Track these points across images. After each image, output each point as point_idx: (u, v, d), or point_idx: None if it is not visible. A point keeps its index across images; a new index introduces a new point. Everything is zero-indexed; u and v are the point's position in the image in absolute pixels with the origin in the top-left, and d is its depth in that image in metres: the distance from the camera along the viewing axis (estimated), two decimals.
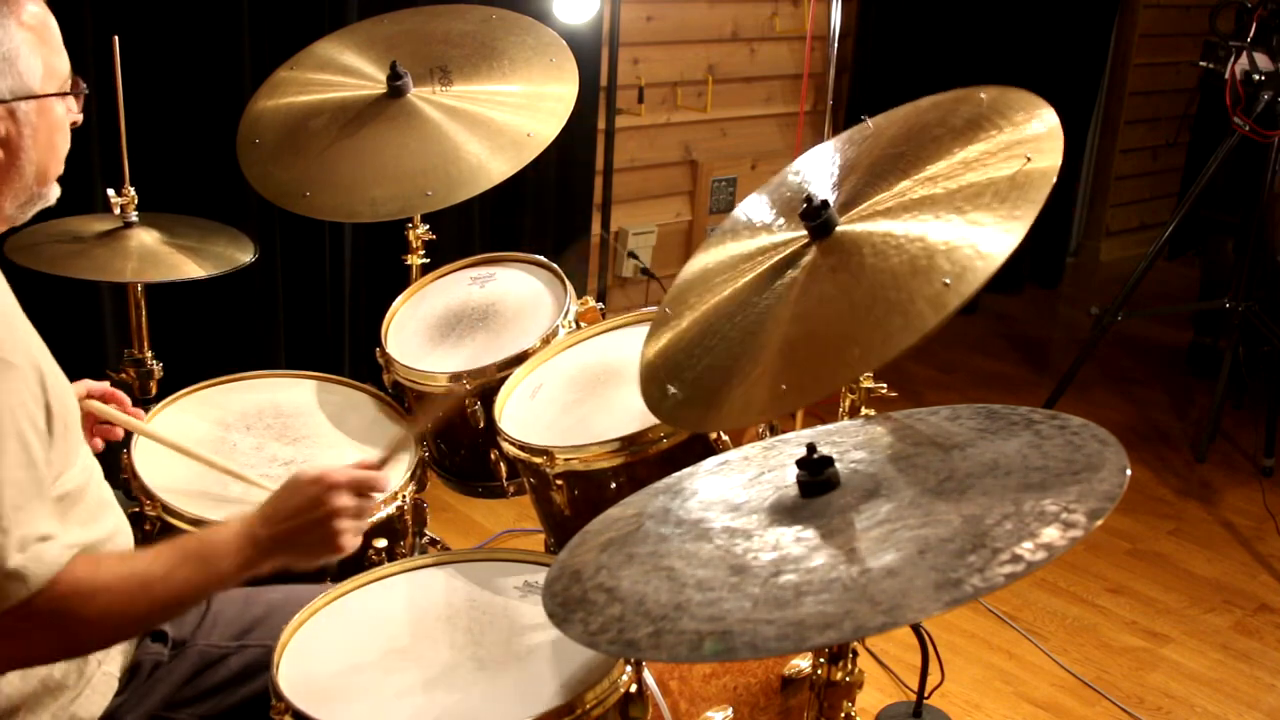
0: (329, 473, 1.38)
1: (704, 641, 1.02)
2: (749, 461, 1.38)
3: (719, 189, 4.33)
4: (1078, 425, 1.19)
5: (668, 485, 1.38)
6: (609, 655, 1.35)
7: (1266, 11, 3.63)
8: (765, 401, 1.34)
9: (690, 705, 1.57)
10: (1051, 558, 0.99)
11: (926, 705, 2.52)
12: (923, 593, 0.99)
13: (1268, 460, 3.73)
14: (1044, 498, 1.07)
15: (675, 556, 1.17)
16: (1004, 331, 4.91)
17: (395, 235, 2.40)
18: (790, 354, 1.35)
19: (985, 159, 1.39)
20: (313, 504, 1.36)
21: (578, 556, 1.26)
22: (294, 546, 1.37)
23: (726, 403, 1.39)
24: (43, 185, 1.40)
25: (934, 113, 1.55)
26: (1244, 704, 2.69)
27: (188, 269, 2.09)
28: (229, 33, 2.91)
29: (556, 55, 2.24)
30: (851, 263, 1.39)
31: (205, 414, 2.00)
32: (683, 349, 1.53)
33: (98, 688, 1.44)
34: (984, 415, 1.29)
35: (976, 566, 1.00)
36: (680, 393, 1.45)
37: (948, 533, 1.06)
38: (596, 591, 1.16)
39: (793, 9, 4.36)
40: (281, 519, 1.36)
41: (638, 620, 1.08)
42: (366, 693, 1.38)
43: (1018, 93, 1.49)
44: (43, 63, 1.35)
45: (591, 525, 1.33)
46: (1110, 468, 1.10)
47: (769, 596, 1.05)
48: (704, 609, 1.06)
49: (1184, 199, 3.89)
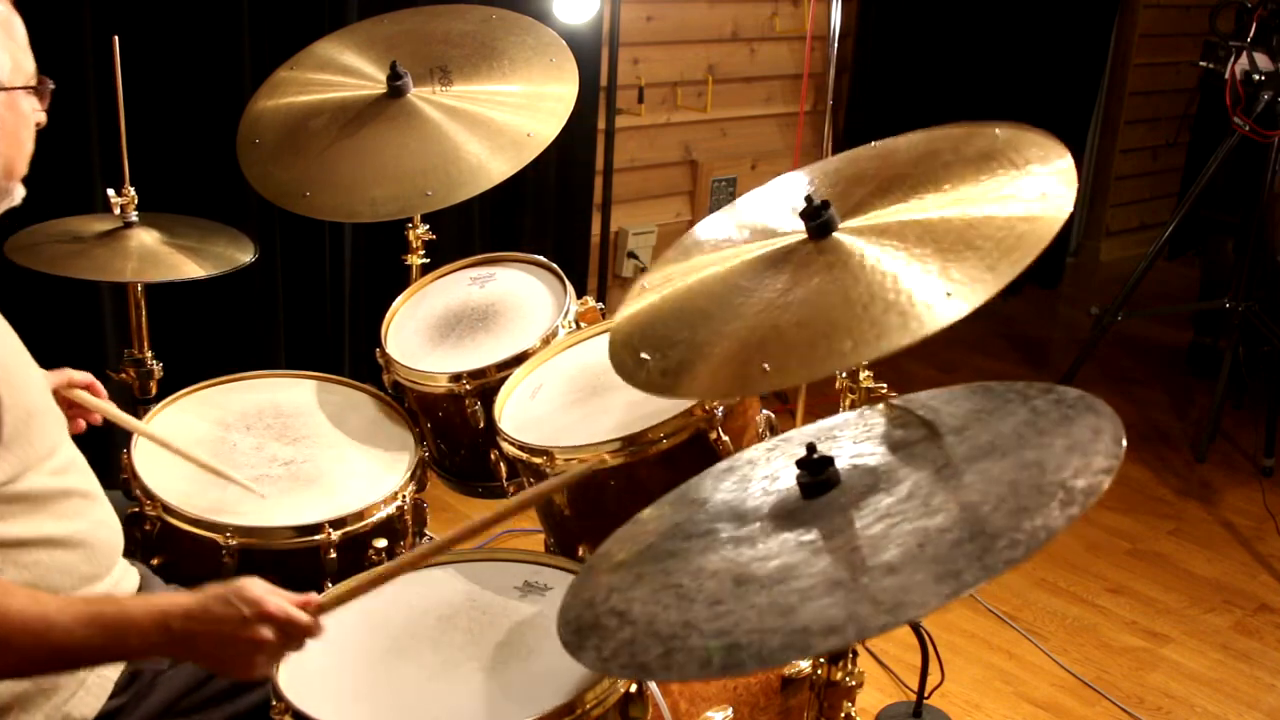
0: (266, 601, 1.31)
1: (711, 656, 1.02)
2: (754, 465, 1.38)
3: (719, 189, 4.33)
4: (1073, 399, 1.19)
5: (679, 495, 1.38)
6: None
7: (1266, 11, 3.63)
8: (744, 378, 1.34)
9: (690, 705, 1.56)
10: (1051, 537, 0.99)
11: (926, 705, 2.52)
12: (923, 587, 0.99)
13: (1268, 460, 3.72)
14: (1041, 476, 1.07)
15: (684, 573, 1.17)
16: (1004, 331, 4.90)
17: (395, 235, 2.40)
18: (777, 337, 1.35)
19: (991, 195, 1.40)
20: (237, 624, 1.29)
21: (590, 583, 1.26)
22: (200, 652, 1.32)
23: (702, 375, 1.38)
24: (9, 180, 1.40)
25: (947, 141, 1.55)
26: (1244, 704, 2.69)
27: (188, 269, 2.09)
28: (229, 33, 2.90)
29: (556, 55, 2.24)
30: (851, 262, 1.39)
31: (205, 414, 2.00)
32: (660, 320, 1.52)
33: (91, 689, 1.44)
34: (979, 394, 1.28)
35: (975, 555, 1.00)
36: (654, 361, 1.45)
37: (946, 522, 1.06)
38: (608, 616, 1.16)
39: (793, 9, 4.36)
40: (202, 621, 1.30)
41: (648, 642, 1.09)
42: (366, 693, 1.38)
43: (1034, 133, 1.49)
44: (10, 58, 1.37)
45: (607, 544, 1.32)
46: (1106, 439, 1.09)
47: (773, 605, 1.05)
48: (711, 624, 1.06)
49: (1184, 199, 3.89)
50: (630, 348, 1.51)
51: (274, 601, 1.31)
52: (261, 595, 1.31)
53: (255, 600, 1.30)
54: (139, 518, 1.77)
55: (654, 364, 1.45)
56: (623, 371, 1.50)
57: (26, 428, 1.38)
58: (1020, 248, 1.30)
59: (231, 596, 1.31)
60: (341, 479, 1.90)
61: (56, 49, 2.64)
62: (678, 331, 1.47)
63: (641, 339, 1.51)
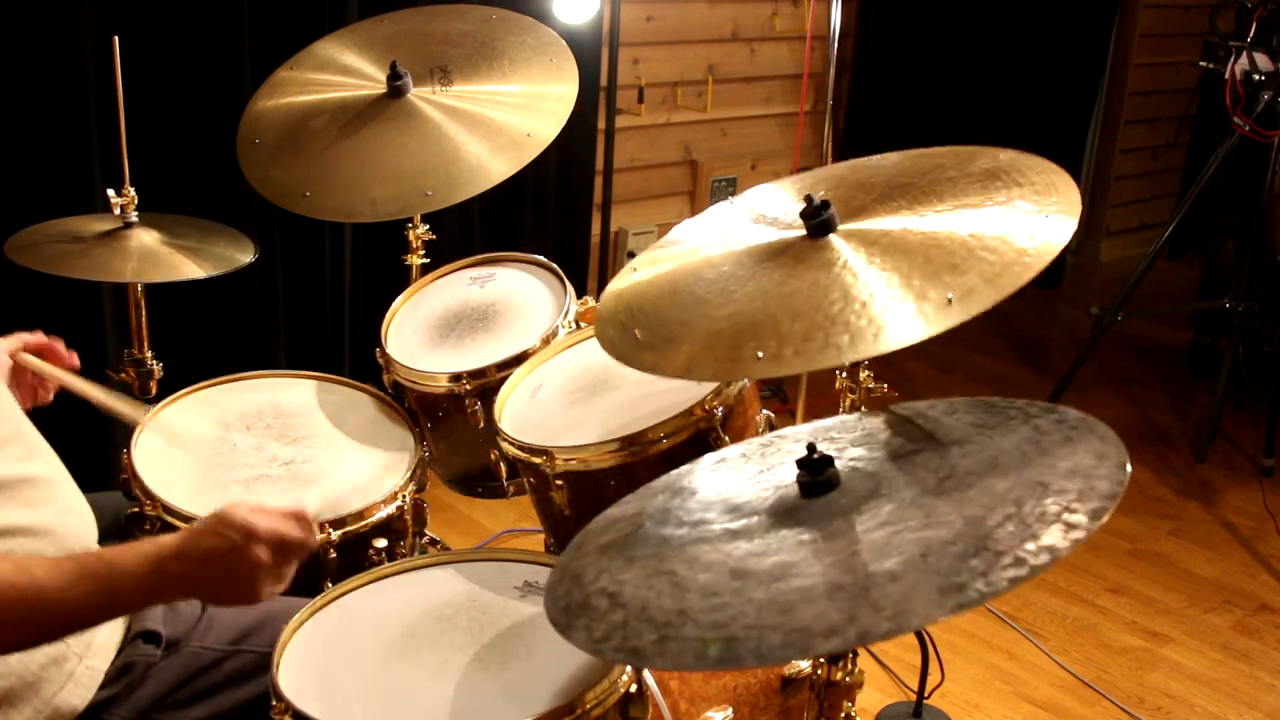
0: (253, 521, 1.29)
1: (708, 648, 1.02)
2: (747, 459, 1.38)
3: (719, 189, 4.33)
4: (1075, 420, 1.19)
5: (667, 484, 1.38)
6: (614, 663, 1.34)
7: (1266, 11, 3.63)
8: (735, 361, 1.33)
9: (690, 705, 1.56)
10: (1054, 561, 0.99)
11: (926, 705, 2.52)
12: (927, 598, 0.98)
13: (1268, 460, 3.73)
14: (1045, 497, 1.07)
15: (677, 560, 1.17)
16: (1004, 331, 4.91)
17: (395, 235, 2.40)
18: (772, 326, 1.34)
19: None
20: (231, 552, 1.28)
21: (578, 560, 1.26)
22: (203, 588, 1.31)
23: (690, 353, 1.38)
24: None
25: (952, 158, 1.55)
26: (1244, 704, 2.69)
27: (188, 269, 2.09)
28: (229, 33, 2.90)
29: (556, 55, 2.24)
30: (852, 261, 1.39)
31: (205, 414, 1.99)
32: (649, 299, 1.51)
33: (80, 680, 1.42)
34: (981, 409, 1.28)
35: (979, 570, 0.99)
36: (643, 337, 1.44)
37: (950, 535, 1.06)
38: (599, 597, 1.16)
39: (793, 9, 4.36)
40: (195, 557, 1.29)
41: (641, 627, 1.08)
42: (367, 693, 1.38)
43: (1037, 159, 1.49)
44: None
45: (591, 526, 1.33)
46: (1110, 465, 1.09)
47: (772, 601, 1.04)
48: (707, 615, 1.06)
49: (1184, 199, 3.89)
50: (617, 322, 1.50)
51: (263, 522, 1.29)
52: (247, 517, 1.29)
53: (244, 524, 1.28)
54: (139, 518, 1.76)
55: (641, 338, 1.43)
56: (607, 345, 1.48)
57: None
58: (1020, 262, 1.30)
59: (220, 526, 1.29)
60: (341, 479, 1.90)
61: (56, 49, 2.64)
62: (667, 311, 1.46)
63: (629, 316, 1.49)
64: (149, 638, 1.51)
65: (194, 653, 1.52)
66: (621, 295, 1.56)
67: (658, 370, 1.41)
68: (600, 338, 1.50)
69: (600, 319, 1.54)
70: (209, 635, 1.55)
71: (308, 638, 1.47)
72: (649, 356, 1.41)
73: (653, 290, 1.53)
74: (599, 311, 1.56)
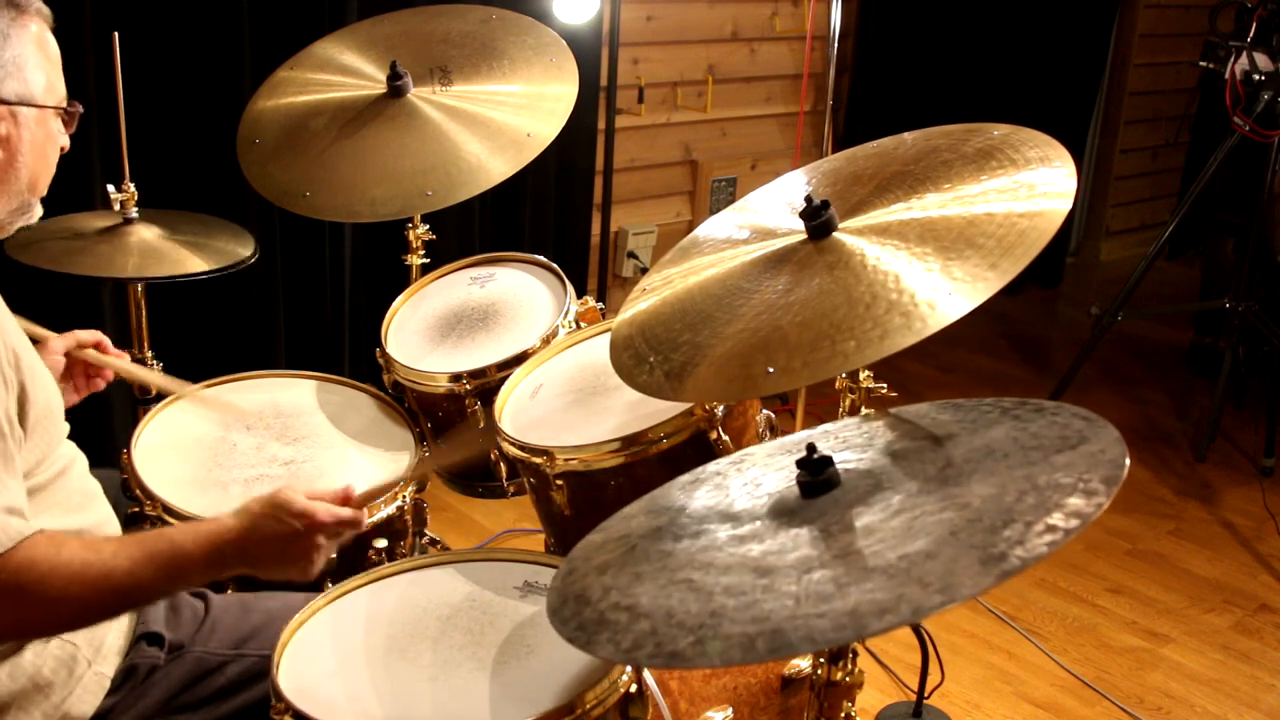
0: (315, 510, 1.39)
1: (755, 642, 1.02)
2: (723, 475, 1.38)
3: (719, 189, 4.33)
4: (1053, 408, 1.21)
5: (641, 508, 1.37)
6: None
7: (1266, 11, 3.63)
8: (748, 380, 1.34)
9: (690, 705, 1.56)
10: (1085, 524, 1.00)
11: (926, 705, 2.52)
12: (970, 570, 0.99)
13: (1268, 460, 3.73)
14: (1055, 472, 1.08)
15: (690, 569, 1.17)
16: (1004, 331, 4.91)
17: (395, 235, 2.40)
18: (780, 339, 1.34)
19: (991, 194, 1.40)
20: (293, 537, 1.38)
21: (575, 584, 1.25)
22: (260, 565, 1.40)
23: (706, 377, 1.39)
24: (32, 194, 1.44)
25: (946, 139, 1.55)
26: (1244, 704, 2.69)
27: (189, 264, 2.09)
28: (229, 33, 2.90)
29: (556, 55, 2.24)
30: (853, 261, 1.39)
31: (205, 414, 1.99)
32: (661, 322, 1.52)
33: (89, 687, 1.43)
34: (951, 409, 1.29)
35: (1015, 540, 1.01)
36: (658, 363, 1.45)
37: (973, 513, 1.07)
38: (614, 611, 1.15)
39: (793, 9, 4.36)
40: (257, 542, 1.38)
41: (673, 632, 1.08)
42: (367, 693, 1.38)
43: (1030, 132, 1.50)
44: (46, 78, 1.41)
45: (574, 554, 1.32)
46: (1104, 439, 1.11)
47: (809, 593, 1.05)
48: (743, 612, 1.06)
49: (1184, 199, 3.89)
50: (633, 350, 1.51)
51: (322, 509, 1.39)
52: (308, 507, 1.39)
53: (304, 512, 1.38)
54: (139, 518, 1.76)
55: (658, 366, 1.45)
56: (624, 374, 1.50)
57: (45, 420, 1.41)
58: (1021, 244, 1.31)
59: (280, 513, 1.38)
60: (341, 479, 1.89)
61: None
62: (679, 334, 1.47)
63: (643, 341, 1.51)
64: (152, 640, 1.51)
65: (198, 657, 1.52)
66: (634, 321, 1.57)
67: (681, 399, 1.45)
68: (617, 368, 1.53)
69: (614, 347, 1.56)
70: (212, 640, 1.55)
71: (308, 638, 1.47)
72: (670, 385, 1.44)
73: (664, 312, 1.54)
74: (614, 340, 1.58)
